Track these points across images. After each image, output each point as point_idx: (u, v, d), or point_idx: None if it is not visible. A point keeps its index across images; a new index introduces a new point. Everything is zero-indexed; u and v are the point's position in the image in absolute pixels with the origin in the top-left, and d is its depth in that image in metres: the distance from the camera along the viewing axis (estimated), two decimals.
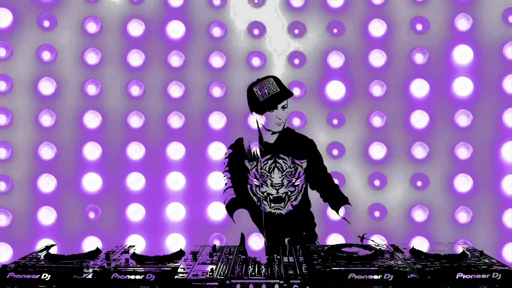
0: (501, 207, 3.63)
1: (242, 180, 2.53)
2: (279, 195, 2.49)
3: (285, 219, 2.52)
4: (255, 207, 2.54)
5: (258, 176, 2.50)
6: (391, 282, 1.70)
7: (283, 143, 2.52)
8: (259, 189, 2.50)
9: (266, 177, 2.49)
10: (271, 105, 2.39)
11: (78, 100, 3.67)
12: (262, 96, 2.40)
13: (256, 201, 2.53)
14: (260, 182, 2.49)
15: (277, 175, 2.48)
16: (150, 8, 3.70)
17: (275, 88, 2.40)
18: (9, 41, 3.65)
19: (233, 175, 2.53)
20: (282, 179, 2.48)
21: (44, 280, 1.75)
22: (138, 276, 1.73)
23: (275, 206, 2.51)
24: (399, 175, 3.67)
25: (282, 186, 2.48)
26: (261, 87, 2.42)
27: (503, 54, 3.63)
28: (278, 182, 2.48)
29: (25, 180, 3.66)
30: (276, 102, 2.39)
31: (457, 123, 3.64)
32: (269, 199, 2.50)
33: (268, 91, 2.40)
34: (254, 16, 3.71)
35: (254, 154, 2.50)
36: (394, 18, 3.68)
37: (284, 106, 2.42)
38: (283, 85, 2.44)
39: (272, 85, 2.40)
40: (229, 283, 1.71)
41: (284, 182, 2.49)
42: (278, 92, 2.39)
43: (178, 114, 3.69)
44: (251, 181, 2.52)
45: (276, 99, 2.38)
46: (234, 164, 2.55)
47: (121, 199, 3.68)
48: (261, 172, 2.49)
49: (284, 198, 2.50)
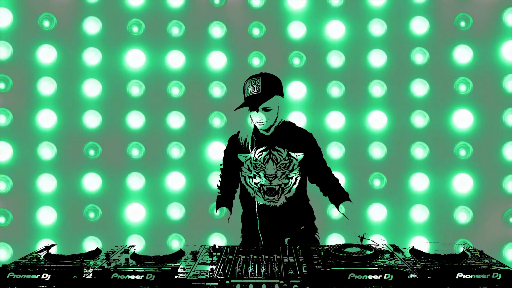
0: (501, 206, 3.64)
1: (236, 173, 2.58)
2: (272, 186, 2.49)
3: (280, 211, 2.53)
4: (249, 199, 2.55)
5: (252, 167, 2.50)
6: (391, 282, 1.70)
7: (279, 135, 2.52)
8: (252, 180, 2.51)
9: (260, 168, 2.49)
10: (250, 105, 2.40)
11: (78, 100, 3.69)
12: (246, 93, 2.42)
13: (251, 193, 2.54)
14: (253, 173, 2.50)
15: (271, 167, 2.48)
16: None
17: (257, 89, 2.37)
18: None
19: (226, 169, 2.62)
20: (276, 171, 2.48)
21: (44, 280, 1.75)
22: (138, 276, 1.73)
23: (269, 198, 2.51)
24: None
25: (275, 177, 2.48)
26: (247, 85, 2.42)
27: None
28: (271, 174, 2.48)
29: (25, 180, 3.66)
30: (255, 104, 2.38)
31: (456, 124, 3.65)
32: (262, 190, 2.50)
33: (251, 90, 2.39)
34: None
35: (247, 146, 2.52)
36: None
37: (267, 108, 2.39)
38: (270, 86, 2.39)
39: (256, 85, 2.38)
40: (229, 283, 1.71)
41: (278, 174, 2.48)
42: (257, 94, 2.37)
43: (178, 114, 3.70)
44: (245, 173, 2.53)
45: (254, 100, 2.37)
46: (228, 158, 2.61)
47: (122, 199, 3.68)
48: (254, 163, 2.50)
49: (277, 190, 2.50)
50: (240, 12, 3.71)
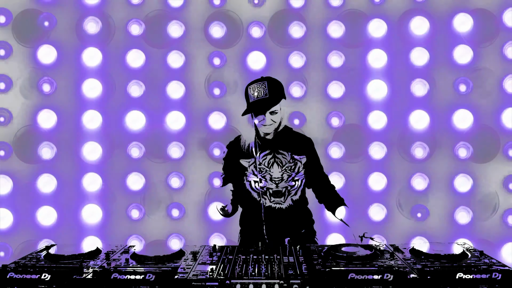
0: (502, 206, 3.64)
1: (238, 178, 2.55)
2: (279, 189, 2.48)
3: (285, 213, 2.52)
4: (255, 203, 2.54)
5: (257, 172, 2.50)
6: (391, 282, 1.70)
7: (281, 139, 2.52)
8: (258, 184, 2.50)
9: (265, 172, 2.49)
10: (257, 109, 2.39)
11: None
12: (251, 98, 2.40)
13: (256, 196, 2.53)
14: (259, 177, 2.49)
15: (277, 170, 2.48)
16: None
17: (265, 93, 2.37)
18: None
19: (228, 176, 2.59)
20: (282, 174, 2.48)
21: (44, 280, 1.75)
22: (138, 276, 1.73)
23: (275, 200, 2.50)
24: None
25: (282, 180, 2.48)
26: (253, 89, 2.40)
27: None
28: (277, 177, 2.47)
29: (25, 180, 3.66)
30: (262, 108, 2.37)
31: (456, 124, 3.65)
32: (268, 193, 2.50)
33: (257, 94, 2.38)
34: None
35: (250, 150, 2.50)
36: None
37: (274, 111, 2.40)
38: (277, 90, 2.40)
39: (263, 89, 2.38)
40: (229, 283, 1.71)
41: (284, 177, 2.48)
42: (265, 98, 2.36)
43: (178, 114, 3.70)
44: (250, 177, 2.52)
45: (262, 105, 2.37)
46: (229, 166, 2.58)
47: (122, 199, 3.68)
48: (259, 167, 2.49)
49: (284, 192, 2.50)
50: (238, 12, 3.71)
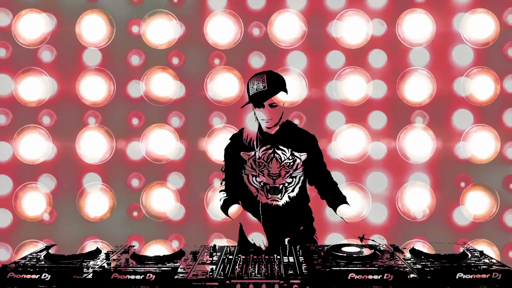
0: (501, 206, 3.64)
1: (238, 171, 2.54)
2: (276, 185, 2.48)
3: (282, 210, 2.52)
4: (252, 198, 2.54)
5: (255, 166, 2.50)
6: (391, 282, 1.70)
7: (283, 135, 2.51)
8: (255, 179, 2.50)
9: (263, 166, 2.49)
10: (256, 102, 2.39)
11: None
12: (251, 91, 2.40)
13: (254, 192, 2.53)
14: (257, 172, 2.49)
15: (275, 166, 2.47)
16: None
17: (263, 86, 2.37)
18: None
19: (229, 167, 2.57)
20: (279, 170, 2.48)
21: (44, 280, 1.75)
22: (138, 276, 1.73)
23: (272, 197, 2.50)
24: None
25: (279, 176, 2.48)
26: (253, 82, 2.41)
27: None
28: (275, 173, 2.47)
29: (26, 180, 3.66)
30: (261, 100, 2.37)
31: (456, 124, 3.66)
32: (265, 189, 2.50)
33: (257, 87, 2.38)
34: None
35: (252, 144, 2.51)
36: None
37: (272, 104, 2.38)
38: (276, 82, 2.39)
39: (262, 82, 2.38)
40: (229, 283, 1.71)
41: (282, 173, 2.48)
42: (263, 90, 2.36)
43: (178, 114, 3.70)
44: (248, 171, 2.52)
45: (260, 96, 2.36)
46: (230, 156, 2.57)
47: (122, 199, 3.69)
48: (258, 161, 2.49)
49: (281, 189, 2.49)
50: (240, 12, 3.72)
